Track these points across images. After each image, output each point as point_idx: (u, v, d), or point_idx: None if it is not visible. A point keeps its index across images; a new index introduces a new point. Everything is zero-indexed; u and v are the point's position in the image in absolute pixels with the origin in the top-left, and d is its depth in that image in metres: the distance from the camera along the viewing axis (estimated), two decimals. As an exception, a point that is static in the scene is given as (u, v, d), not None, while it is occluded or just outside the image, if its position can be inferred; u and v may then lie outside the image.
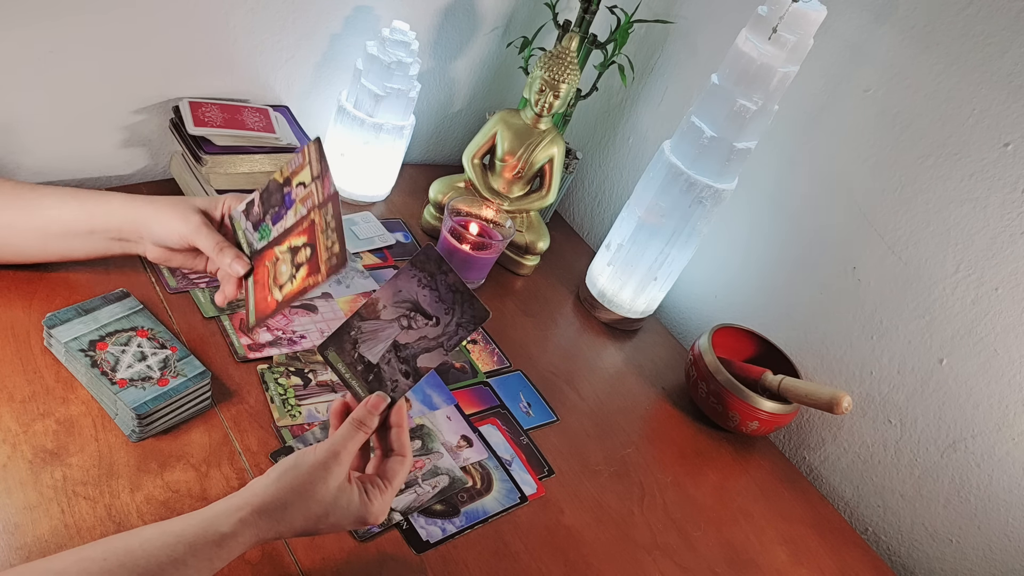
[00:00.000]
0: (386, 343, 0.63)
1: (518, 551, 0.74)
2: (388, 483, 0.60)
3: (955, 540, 0.93)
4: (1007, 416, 0.87)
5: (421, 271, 0.63)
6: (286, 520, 0.55)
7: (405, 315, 0.63)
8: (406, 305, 0.63)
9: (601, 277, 1.09)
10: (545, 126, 1.05)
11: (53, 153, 0.89)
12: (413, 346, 0.62)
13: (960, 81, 0.87)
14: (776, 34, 0.85)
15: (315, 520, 0.56)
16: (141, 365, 0.69)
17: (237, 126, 0.91)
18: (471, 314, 0.62)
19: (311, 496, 0.56)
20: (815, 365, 1.03)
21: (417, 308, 0.63)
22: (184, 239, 0.70)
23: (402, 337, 0.63)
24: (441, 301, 0.63)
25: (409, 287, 0.63)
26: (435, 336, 0.62)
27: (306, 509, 0.56)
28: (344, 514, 0.57)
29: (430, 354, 0.62)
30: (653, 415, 0.99)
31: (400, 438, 0.62)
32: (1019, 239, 0.84)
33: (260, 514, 0.54)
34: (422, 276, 0.63)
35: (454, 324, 0.62)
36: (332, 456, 0.57)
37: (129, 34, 0.85)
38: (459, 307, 0.62)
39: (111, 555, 0.49)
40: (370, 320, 0.63)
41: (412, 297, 0.63)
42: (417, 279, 0.63)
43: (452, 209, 1.02)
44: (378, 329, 0.63)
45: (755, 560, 0.85)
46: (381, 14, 1.05)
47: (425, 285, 0.63)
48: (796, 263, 1.04)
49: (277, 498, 0.55)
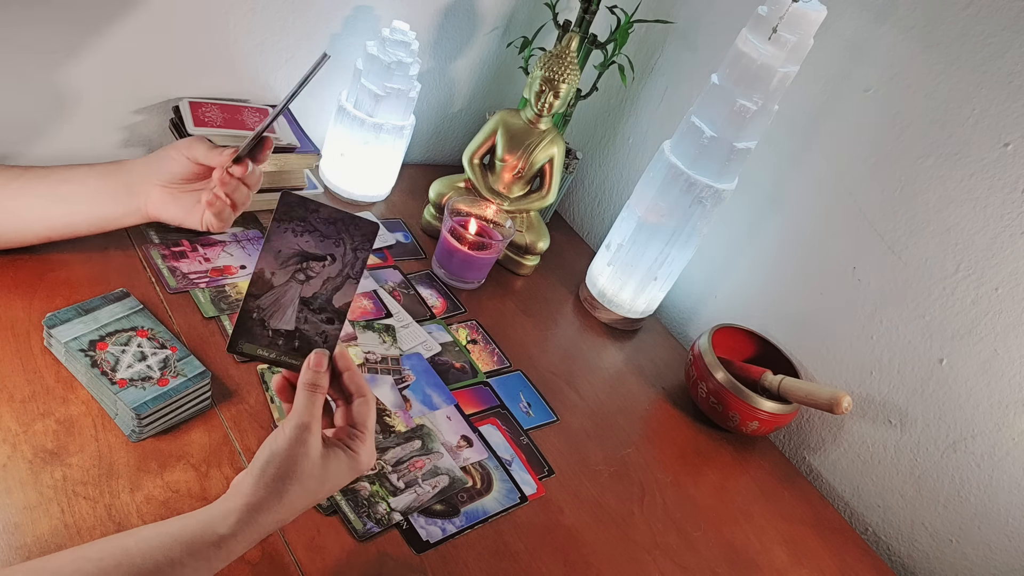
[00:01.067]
0: (293, 305, 0.61)
1: (518, 551, 0.74)
2: (363, 428, 0.60)
3: (955, 540, 0.93)
4: (1007, 416, 0.87)
5: (290, 221, 0.61)
6: (286, 507, 0.55)
7: (298, 269, 0.61)
8: (293, 260, 0.61)
9: (601, 277, 1.09)
10: (545, 126, 1.05)
11: (53, 153, 0.89)
12: (321, 293, 0.61)
13: (960, 81, 0.87)
14: (776, 34, 0.85)
15: (313, 494, 0.56)
16: (141, 365, 0.69)
17: (237, 126, 0.91)
18: (360, 234, 0.61)
19: (301, 476, 0.55)
20: (815, 365, 1.03)
21: (305, 256, 0.61)
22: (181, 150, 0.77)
23: (306, 291, 0.61)
24: (326, 237, 0.61)
25: (286, 242, 0.61)
26: (338, 272, 0.61)
27: (302, 489, 0.55)
28: (338, 475, 0.58)
29: (341, 291, 0.61)
30: (653, 415, 0.99)
31: (354, 380, 0.61)
32: (1019, 239, 0.84)
33: (257, 511, 0.54)
34: (293, 225, 0.61)
35: (350, 251, 0.61)
36: (303, 429, 0.56)
37: (129, 34, 0.85)
38: (346, 234, 0.61)
39: (107, 555, 0.49)
40: (265, 295, 0.61)
41: (296, 250, 0.61)
42: (290, 230, 0.61)
43: (452, 209, 1.02)
44: (278, 297, 0.61)
45: (755, 560, 0.85)
46: (381, 14, 1.05)
47: (302, 232, 0.61)
48: (796, 263, 1.04)
49: (269, 492, 0.54)
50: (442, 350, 0.91)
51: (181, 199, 0.79)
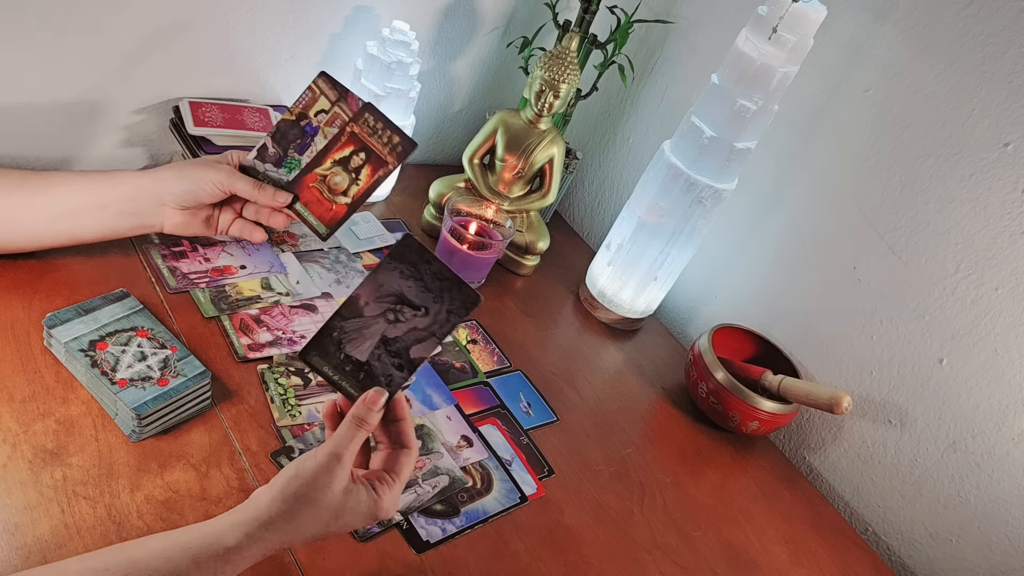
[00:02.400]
0: (373, 339, 0.62)
1: (518, 551, 0.74)
2: (396, 476, 0.59)
3: (955, 540, 0.93)
4: (1007, 416, 0.87)
5: (401, 263, 0.62)
6: (295, 530, 0.54)
7: (391, 308, 0.62)
8: (390, 299, 0.62)
9: (601, 277, 1.09)
10: (545, 126, 1.05)
11: (53, 152, 0.89)
12: (403, 338, 0.62)
13: (960, 81, 0.87)
14: (776, 34, 0.85)
15: (325, 525, 0.56)
16: (141, 365, 0.69)
17: (237, 126, 0.91)
18: (460, 300, 0.61)
19: (318, 503, 0.55)
20: (815, 365, 1.03)
21: (403, 300, 0.62)
22: (219, 185, 0.77)
23: (390, 331, 0.62)
24: (428, 290, 0.62)
25: (391, 280, 0.62)
26: (426, 326, 0.62)
27: (315, 516, 0.55)
28: (354, 514, 0.57)
29: (423, 344, 0.61)
30: (653, 415, 0.99)
31: (405, 431, 0.61)
32: (1019, 239, 0.84)
33: (267, 528, 0.53)
34: (404, 268, 0.62)
35: (444, 311, 0.61)
36: (334, 459, 0.56)
37: (129, 34, 0.85)
38: (448, 294, 0.62)
39: (114, 565, 0.49)
40: (352, 319, 0.62)
41: (396, 290, 0.62)
42: (399, 271, 0.62)
43: (452, 209, 1.02)
44: (362, 327, 0.62)
45: (755, 560, 0.85)
46: (381, 14, 1.05)
47: (409, 276, 0.62)
48: (796, 263, 1.04)
49: (283, 510, 0.54)
50: (442, 350, 0.91)
51: (199, 214, 0.80)
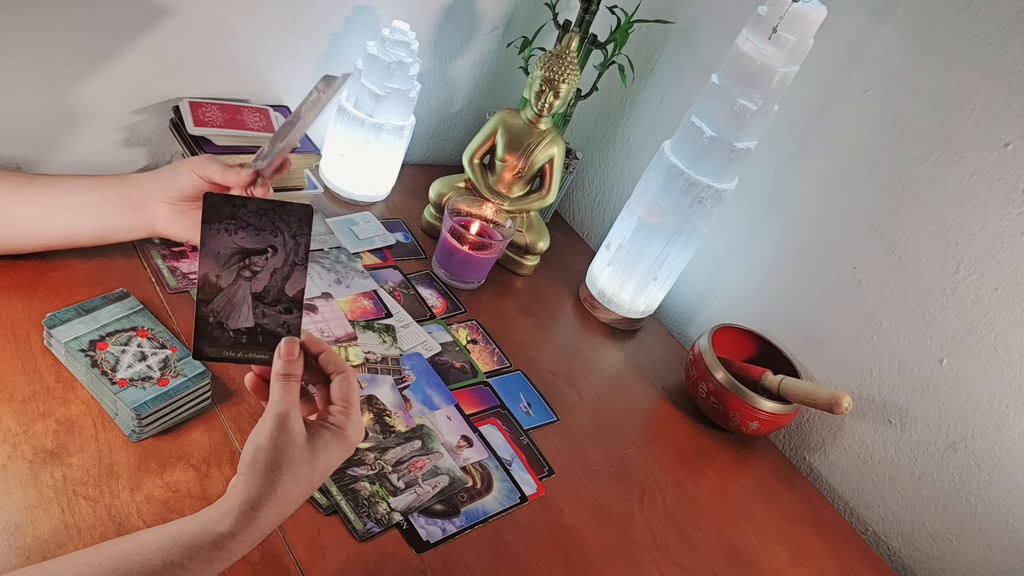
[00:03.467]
0: (246, 303, 0.61)
1: (518, 551, 0.74)
2: (347, 403, 0.59)
3: (955, 540, 0.93)
4: (1007, 416, 0.87)
5: (219, 221, 0.60)
6: (284, 498, 0.55)
7: (242, 267, 0.60)
8: (234, 260, 0.60)
9: (601, 277, 1.09)
10: (545, 126, 1.05)
11: (53, 152, 0.89)
12: (272, 285, 0.60)
13: (960, 81, 0.87)
14: (776, 34, 0.85)
15: (308, 478, 0.56)
16: (141, 365, 0.69)
17: (237, 126, 0.91)
18: (296, 219, 0.59)
19: (290, 463, 0.55)
20: (815, 365, 1.03)
21: (245, 253, 0.60)
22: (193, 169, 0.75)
23: (255, 286, 0.61)
24: (260, 230, 0.60)
25: (222, 242, 0.60)
26: (283, 262, 0.60)
27: (294, 476, 0.55)
28: (328, 455, 0.57)
29: (291, 279, 0.60)
30: (653, 415, 0.99)
31: (330, 360, 0.61)
32: (1019, 239, 0.84)
33: (256, 508, 0.54)
34: (224, 225, 0.60)
35: (290, 239, 0.60)
36: (282, 418, 0.56)
37: (129, 34, 0.85)
38: (281, 223, 0.60)
39: (106, 560, 0.49)
40: (215, 298, 0.61)
41: (232, 247, 0.60)
42: (223, 230, 0.60)
43: (452, 209, 1.02)
44: (229, 297, 0.61)
45: (755, 560, 0.85)
46: (381, 14, 1.05)
47: (234, 229, 0.60)
48: (796, 263, 1.04)
49: (263, 484, 0.54)
50: (442, 350, 0.91)
51: (189, 215, 0.78)
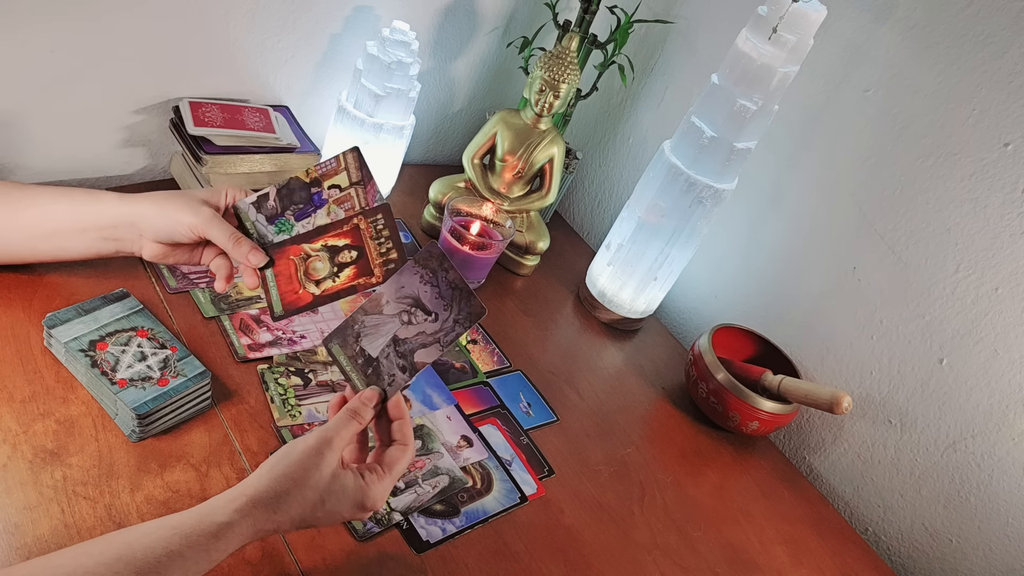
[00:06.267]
0: (387, 337, 0.64)
1: (518, 551, 0.74)
2: (387, 469, 0.60)
3: (955, 540, 0.93)
4: (1007, 416, 0.87)
5: (424, 268, 0.64)
6: (282, 509, 0.55)
7: (406, 310, 0.64)
8: (407, 300, 0.65)
9: (601, 277, 1.09)
10: (545, 126, 1.05)
11: (53, 153, 0.89)
12: (411, 341, 0.64)
13: (960, 81, 0.87)
14: (776, 34, 0.85)
15: (312, 507, 0.56)
16: (141, 365, 0.69)
17: (237, 126, 0.91)
18: (468, 311, 0.63)
19: (305, 482, 0.56)
20: (815, 365, 1.03)
21: (418, 304, 0.64)
22: (194, 230, 0.68)
23: (401, 332, 0.64)
24: (441, 297, 0.64)
25: (412, 283, 0.64)
26: (433, 332, 0.64)
27: (301, 496, 0.56)
28: (341, 499, 0.57)
29: (427, 349, 0.63)
30: (653, 415, 0.99)
31: (402, 429, 0.62)
32: (1019, 239, 0.84)
33: (256, 504, 0.54)
34: (424, 272, 0.64)
35: (451, 320, 0.63)
36: (324, 442, 0.57)
37: (129, 34, 0.85)
38: (457, 304, 0.64)
39: (108, 549, 0.50)
40: (373, 315, 0.65)
41: (414, 293, 0.64)
42: (419, 275, 0.64)
43: (452, 209, 1.02)
44: (380, 323, 0.65)
45: (755, 560, 0.85)
46: (381, 14, 1.05)
47: (427, 281, 0.64)
48: (796, 263, 1.04)
49: (272, 487, 0.55)
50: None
51: (179, 251, 0.72)
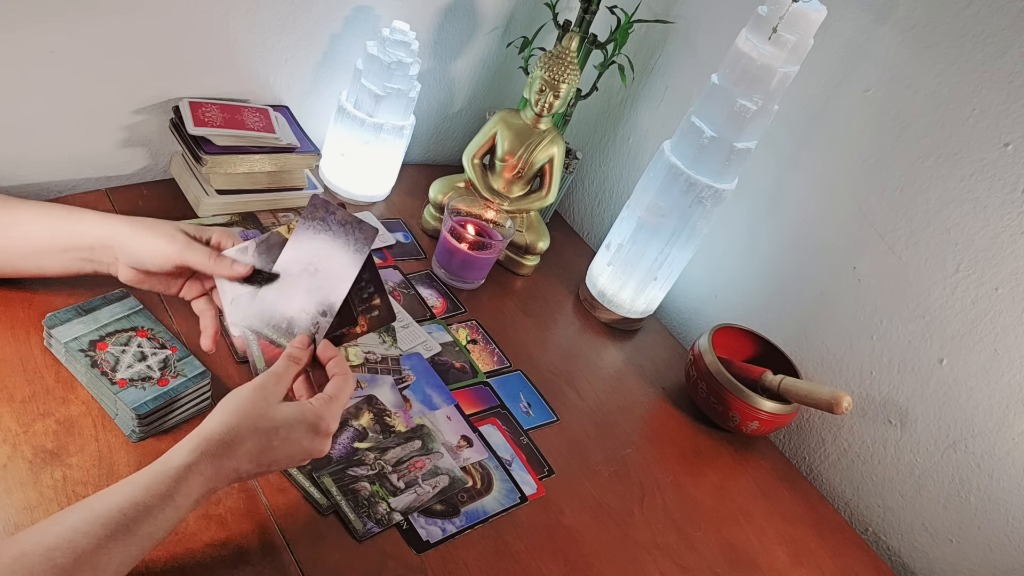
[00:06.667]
0: (300, 296, 0.69)
1: (518, 551, 0.74)
2: (333, 396, 0.62)
3: (955, 540, 0.93)
4: (1007, 416, 0.87)
5: (313, 219, 0.68)
6: (238, 442, 0.57)
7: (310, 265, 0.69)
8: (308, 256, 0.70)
9: (601, 277, 1.09)
10: (545, 126, 1.05)
11: (53, 153, 0.89)
12: (323, 287, 0.68)
13: (960, 81, 0.87)
14: (776, 34, 0.85)
15: (267, 437, 0.58)
16: (141, 365, 0.69)
17: (237, 126, 0.91)
18: (362, 236, 0.68)
19: (255, 413, 0.58)
20: (815, 365, 1.03)
21: (316, 255, 0.69)
22: (169, 259, 0.67)
23: (311, 284, 0.68)
24: (335, 237, 0.68)
25: (307, 239, 0.69)
26: (338, 271, 0.68)
27: (254, 426, 0.58)
28: (294, 426, 0.59)
29: (337, 288, 0.67)
30: (653, 415, 0.99)
31: (339, 364, 0.65)
32: (1019, 239, 0.84)
33: (209, 440, 0.56)
34: (315, 224, 0.69)
35: (351, 251, 0.67)
36: (269, 378, 0.61)
37: (129, 34, 0.85)
38: (351, 236, 0.67)
39: (72, 514, 0.51)
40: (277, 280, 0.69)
41: (312, 248, 0.69)
42: (311, 228, 0.68)
43: (452, 209, 1.02)
44: (288, 287, 0.69)
45: (755, 560, 0.85)
46: (381, 14, 1.05)
47: (320, 230, 0.68)
48: (796, 263, 1.04)
49: (223, 422, 0.57)
50: (442, 350, 0.91)
51: (152, 279, 0.71)
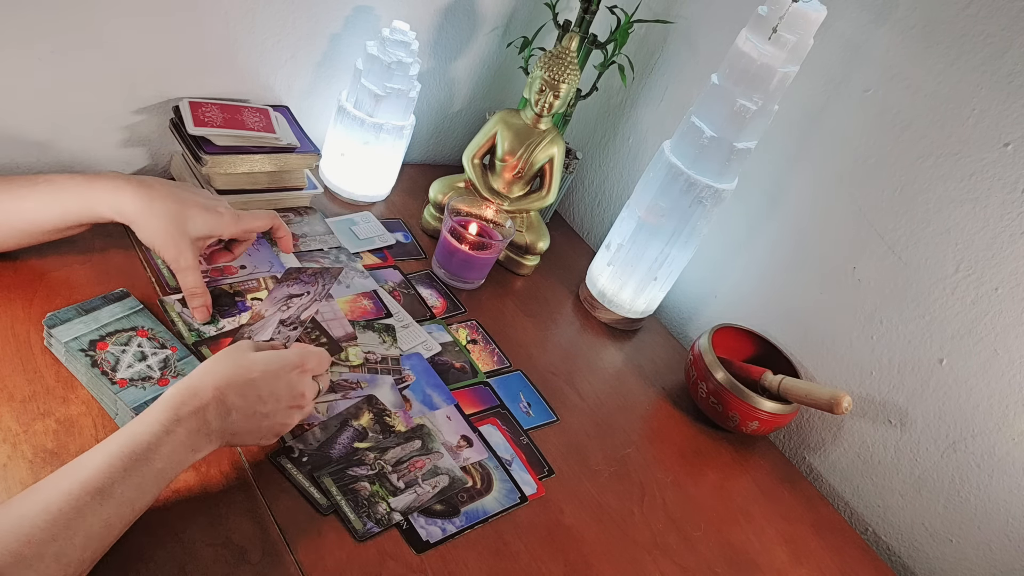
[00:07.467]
0: (273, 325, 0.78)
1: (518, 551, 0.74)
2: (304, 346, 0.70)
3: (955, 540, 0.93)
4: (1007, 416, 0.87)
5: (284, 281, 0.83)
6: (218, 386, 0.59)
7: (284, 305, 0.80)
8: (282, 299, 0.81)
9: (601, 277, 1.09)
10: (545, 126, 1.05)
11: (53, 152, 0.89)
12: (295, 311, 0.77)
13: (960, 81, 0.87)
14: (776, 34, 0.85)
15: (246, 372, 0.62)
16: (141, 365, 0.69)
17: (237, 126, 0.91)
18: (330, 275, 0.79)
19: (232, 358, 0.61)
20: (815, 365, 1.03)
21: (290, 297, 0.80)
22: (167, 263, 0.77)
23: (284, 314, 0.78)
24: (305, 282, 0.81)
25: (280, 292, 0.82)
26: (310, 299, 0.80)
27: (233, 364, 0.62)
28: (273, 359, 0.64)
29: (308, 309, 0.76)
30: (653, 415, 0.99)
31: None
32: (1019, 239, 0.84)
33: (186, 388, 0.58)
34: (287, 283, 0.82)
35: (321, 286, 0.77)
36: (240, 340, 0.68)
37: (129, 34, 0.85)
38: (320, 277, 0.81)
39: (54, 476, 0.52)
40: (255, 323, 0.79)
41: (284, 294, 0.81)
42: (284, 285, 0.82)
43: (452, 209, 1.02)
44: (264, 323, 0.78)
45: (755, 560, 0.85)
46: (381, 14, 1.05)
47: (292, 283, 0.82)
48: (796, 263, 1.04)
49: (198, 371, 0.60)
50: (442, 350, 0.91)
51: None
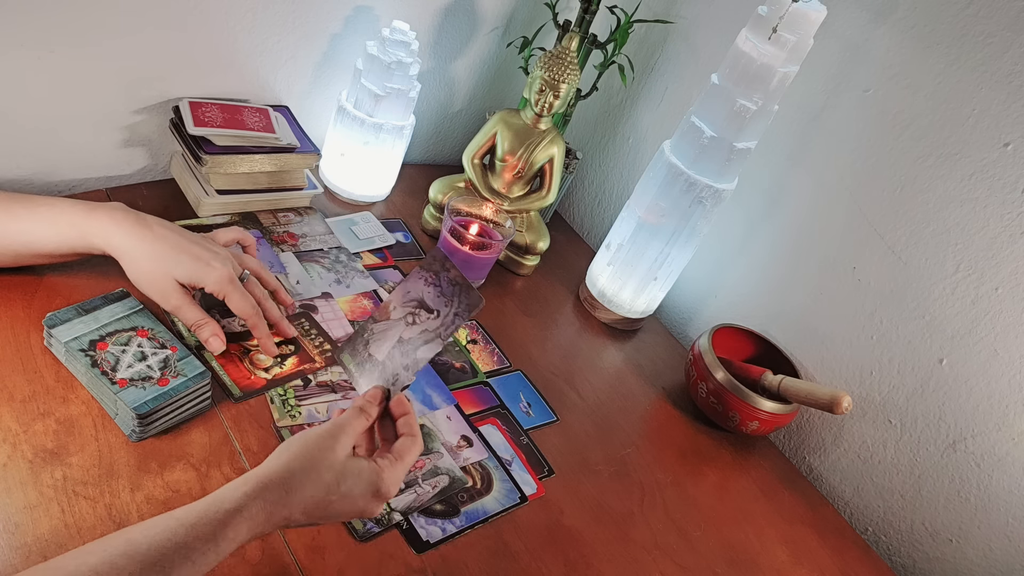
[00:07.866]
0: (392, 340, 0.67)
1: (518, 551, 0.74)
2: (399, 456, 0.61)
3: (955, 540, 0.93)
4: (1007, 416, 0.87)
5: (428, 271, 0.67)
6: (296, 489, 0.53)
7: (411, 312, 0.67)
8: (413, 303, 0.68)
9: (601, 277, 1.09)
10: (545, 126, 1.05)
11: (53, 152, 0.89)
12: (415, 339, 0.66)
13: (960, 81, 0.87)
14: (776, 34, 0.85)
15: (326, 489, 0.55)
16: (141, 365, 0.69)
17: (237, 126, 0.91)
18: (466, 303, 0.66)
19: (320, 462, 0.55)
20: (815, 365, 1.03)
21: (422, 304, 0.67)
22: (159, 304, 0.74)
23: (406, 333, 0.67)
24: (443, 295, 0.66)
25: (417, 287, 0.67)
26: (435, 328, 0.66)
27: (316, 476, 0.55)
28: (356, 481, 0.57)
29: (428, 345, 0.66)
30: (653, 415, 0.99)
31: (408, 422, 0.64)
32: (1019, 239, 0.84)
33: (267, 485, 0.53)
34: (428, 275, 0.67)
35: (451, 314, 0.66)
36: (337, 428, 0.58)
37: (129, 34, 0.85)
38: (456, 298, 0.66)
39: (112, 547, 0.49)
40: (381, 322, 0.68)
41: (419, 296, 0.67)
42: (424, 278, 0.67)
43: (452, 209, 1.02)
44: (387, 328, 0.68)
45: (755, 560, 0.85)
46: (381, 14, 1.05)
47: (431, 283, 0.67)
48: (796, 263, 1.04)
49: (285, 466, 0.54)
50: (442, 350, 0.91)
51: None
